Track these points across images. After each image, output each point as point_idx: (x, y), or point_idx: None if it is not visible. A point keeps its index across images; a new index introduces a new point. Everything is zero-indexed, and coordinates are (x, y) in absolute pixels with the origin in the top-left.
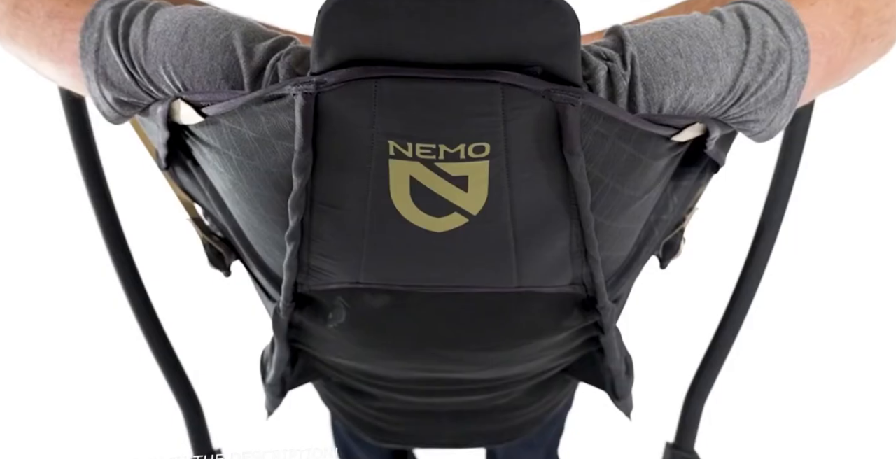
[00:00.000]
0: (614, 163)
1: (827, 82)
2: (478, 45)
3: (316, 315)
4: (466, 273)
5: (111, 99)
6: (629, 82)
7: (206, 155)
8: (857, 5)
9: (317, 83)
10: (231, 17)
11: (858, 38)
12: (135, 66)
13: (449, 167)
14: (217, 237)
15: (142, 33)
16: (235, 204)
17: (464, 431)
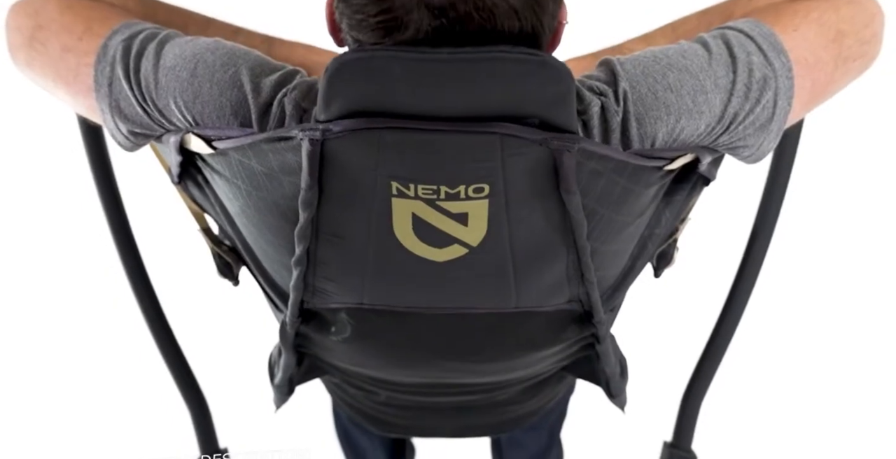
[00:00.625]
0: (609, 195)
1: (812, 104)
2: (477, 102)
3: (321, 328)
4: (467, 297)
5: (126, 131)
6: (622, 118)
7: (216, 180)
8: (838, 28)
9: (323, 130)
10: (238, 52)
11: (840, 61)
12: (146, 100)
13: (449, 205)
14: (226, 247)
15: (152, 68)
16: (244, 226)
17: (464, 423)
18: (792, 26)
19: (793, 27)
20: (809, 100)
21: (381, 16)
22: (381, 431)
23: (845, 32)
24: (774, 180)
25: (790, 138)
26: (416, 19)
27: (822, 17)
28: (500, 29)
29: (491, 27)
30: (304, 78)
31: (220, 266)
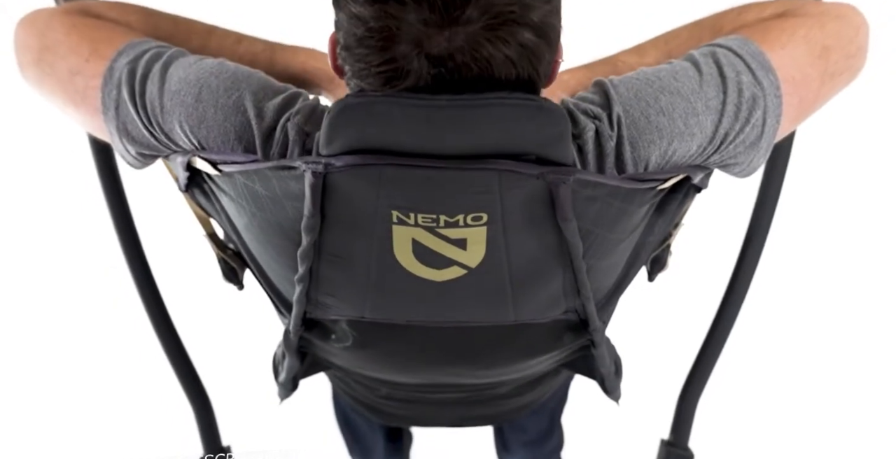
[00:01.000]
0: (604, 217)
1: (800, 120)
2: (476, 143)
3: (323, 336)
4: (465, 312)
5: (134, 152)
6: (616, 142)
7: (221, 197)
8: (824, 44)
9: (325, 165)
10: (241, 75)
11: (827, 76)
12: (152, 123)
13: (449, 232)
14: (231, 251)
15: (158, 91)
16: (249, 240)
17: (463, 414)
18: (779, 44)
19: (780, 45)
20: (797, 116)
21: (383, 66)
22: (381, 421)
23: (831, 48)
24: (768, 183)
25: (783, 146)
26: (417, 68)
27: (808, 34)
28: (497, 77)
29: (488, 75)
30: (307, 101)
31: (225, 271)
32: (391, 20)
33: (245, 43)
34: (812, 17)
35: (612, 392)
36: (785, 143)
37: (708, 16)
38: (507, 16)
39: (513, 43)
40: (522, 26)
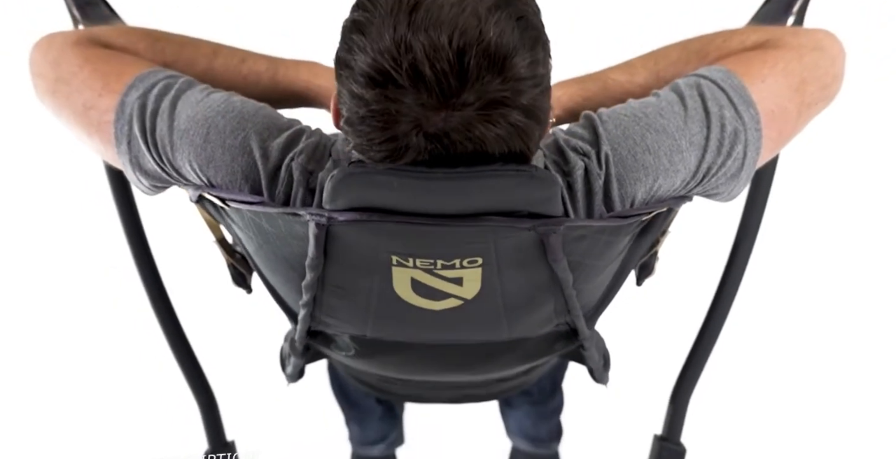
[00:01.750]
0: (592, 249)
1: (777, 149)
2: (472, 206)
3: (327, 344)
4: (463, 334)
5: (147, 184)
6: (604, 180)
7: (230, 225)
8: (801, 77)
9: (328, 217)
10: (247, 113)
11: (804, 108)
12: (163, 159)
13: (446, 272)
14: (239, 256)
15: (167, 129)
16: (257, 260)
17: (462, 393)
18: (760, 78)
19: (761, 79)
20: (775, 147)
21: (385, 144)
22: (383, 397)
23: (808, 80)
24: (757, 186)
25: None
26: (415, 145)
27: (787, 67)
28: (490, 152)
29: (482, 151)
30: (310, 137)
31: (234, 276)
32: (391, 103)
33: (249, 62)
34: (791, 50)
35: (600, 380)
36: (769, 164)
37: (695, 38)
38: (500, 100)
39: (503, 124)
40: (513, 109)
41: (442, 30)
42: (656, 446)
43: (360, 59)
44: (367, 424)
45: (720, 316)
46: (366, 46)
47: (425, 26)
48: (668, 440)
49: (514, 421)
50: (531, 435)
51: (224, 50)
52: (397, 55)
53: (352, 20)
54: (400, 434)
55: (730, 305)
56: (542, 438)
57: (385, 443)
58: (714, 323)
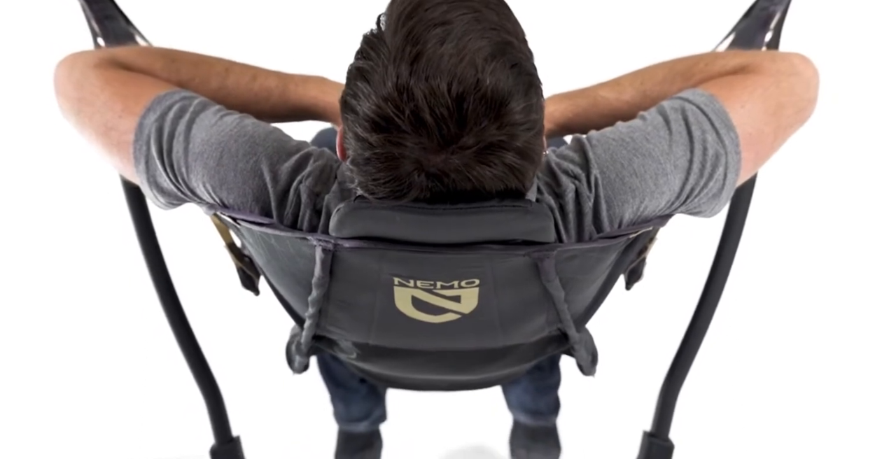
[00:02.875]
0: (583, 267)
1: (755, 169)
2: (470, 237)
3: (332, 347)
4: (460, 343)
5: (164, 201)
6: (594, 202)
7: (241, 237)
8: (778, 101)
9: (334, 244)
10: (258, 138)
11: (780, 130)
12: (179, 180)
13: (445, 292)
14: (248, 260)
15: (183, 152)
16: (266, 270)
17: (458, 381)
18: (740, 103)
19: (741, 104)
20: (753, 167)
21: (389, 184)
22: (378, 383)
23: (784, 104)
24: (739, 194)
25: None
26: (417, 184)
27: (765, 92)
28: (488, 190)
29: (480, 188)
30: (317, 161)
31: (243, 279)
32: (394, 147)
33: (259, 79)
34: (769, 76)
35: (588, 373)
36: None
37: (680, 60)
38: (496, 144)
39: (500, 165)
40: (509, 151)
41: (441, 78)
42: (645, 442)
43: (365, 105)
44: (352, 402)
45: (706, 316)
46: (370, 93)
47: (426, 75)
48: (656, 436)
49: (514, 396)
50: (531, 409)
51: (236, 67)
52: (399, 102)
53: (356, 67)
54: (383, 410)
55: (715, 306)
56: (541, 411)
57: (369, 420)
58: (700, 324)
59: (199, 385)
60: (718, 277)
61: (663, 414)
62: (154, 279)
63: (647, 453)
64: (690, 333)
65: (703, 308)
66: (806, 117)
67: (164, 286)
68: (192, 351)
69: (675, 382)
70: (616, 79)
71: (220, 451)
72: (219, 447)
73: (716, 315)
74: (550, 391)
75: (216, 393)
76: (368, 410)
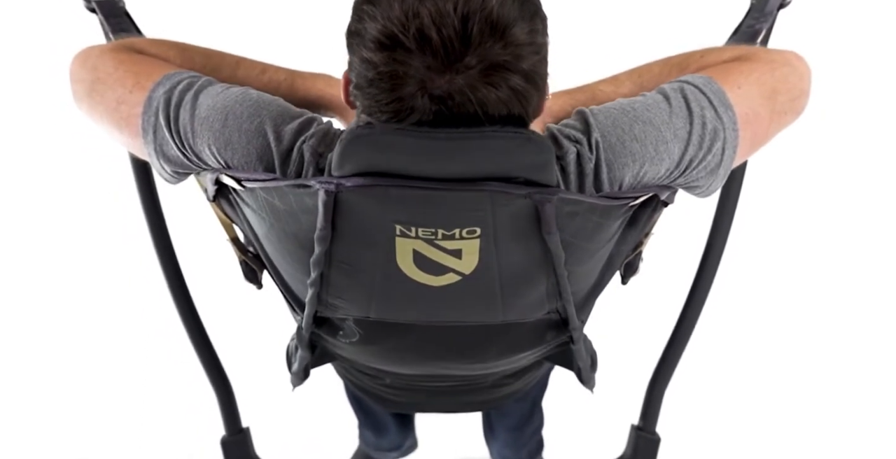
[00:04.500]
0: (583, 230)
1: (752, 151)
2: (472, 169)
3: (333, 332)
4: (459, 314)
5: (170, 171)
6: (595, 164)
7: (244, 209)
8: (772, 87)
9: (337, 184)
10: (262, 102)
11: (775, 115)
12: (185, 145)
13: (446, 243)
14: (251, 254)
15: (189, 118)
16: (267, 246)
17: (457, 401)
18: (737, 85)
19: (737, 86)
20: (750, 147)
21: (392, 104)
22: (383, 407)
23: (779, 90)
24: (725, 198)
25: (737, 169)
26: (420, 106)
27: (761, 77)
28: (491, 114)
29: (483, 113)
30: (320, 125)
31: (246, 272)
32: (399, 65)
33: (269, 72)
34: (765, 63)
35: (588, 382)
36: (739, 168)
37: (676, 55)
38: (501, 64)
39: (504, 87)
40: (514, 73)
41: (448, 0)
42: (633, 435)
43: (371, 27)
44: (382, 434)
45: (692, 315)
46: (376, 15)
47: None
48: (643, 430)
49: (496, 450)
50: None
51: (246, 61)
52: (405, 21)
53: None
54: (414, 440)
55: (701, 306)
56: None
57: (400, 451)
58: (687, 322)
59: (210, 380)
60: (706, 276)
61: (650, 409)
62: (167, 277)
63: (635, 445)
64: (677, 332)
65: (689, 307)
66: (800, 107)
67: (177, 284)
68: (203, 346)
69: (662, 378)
70: (614, 76)
71: (230, 441)
72: (229, 437)
73: (702, 314)
74: (530, 439)
75: (227, 387)
76: (399, 442)
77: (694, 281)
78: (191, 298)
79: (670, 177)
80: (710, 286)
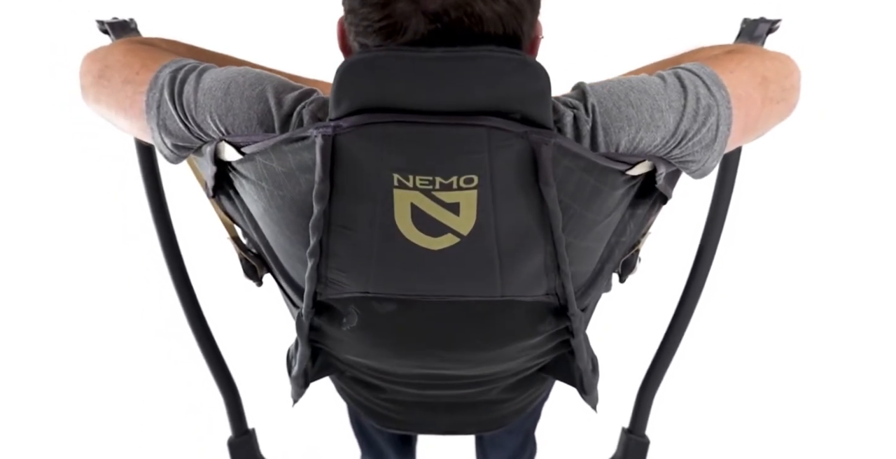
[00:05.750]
0: (581, 192)
1: (746, 133)
2: (467, 97)
3: (333, 319)
4: (459, 285)
5: (170, 145)
6: (591, 126)
7: (244, 185)
8: (763, 75)
9: (334, 127)
10: (265, 74)
11: (766, 100)
12: (187, 116)
13: (443, 195)
14: (252, 253)
15: (193, 90)
16: (266, 226)
17: (456, 420)
18: (728, 70)
19: (729, 70)
20: (744, 128)
21: (383, 21)
22: (382, 426)
23: (769, 79)
24: (717, 204)
25: (729, 168)
26: (414, 24)
27: (751, 65)
28: (486, 32)
29: (479, 31)
30: (320, 96)
31: (246, 269)
32: None
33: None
34: (755, 54)
35: (590, 392)
36: (732, 164)
37: (669, 57)
38: None
39: (501, 0)
40: None
41: None
42: (623, 438)
43: None
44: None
45: (682, 323)
46: None
47: None
48: (633, 433)
49: None
50: None
51: (250, 63)
52: None
53: None
54: None
55: (691, 314)
56: None
57: None
58: (676, 330)
59: (217, 383)
60: (696, 283)
61: (640, 413)
62: (174, 283)
63: (625, 448)
64: (667, 338)
65: (679, 314)
66: (791, 100)
67: (185, 290)
68: (210, 351)
69: (651, 383)
70: (607, 79)
71: (236, 442)
72: (235, 439)
73: (692, 321)
74: None
75: (233, 390)
76: None
77: (686, 284)
78: (198, 304)
79: (666, 147)
80: (702, 289)
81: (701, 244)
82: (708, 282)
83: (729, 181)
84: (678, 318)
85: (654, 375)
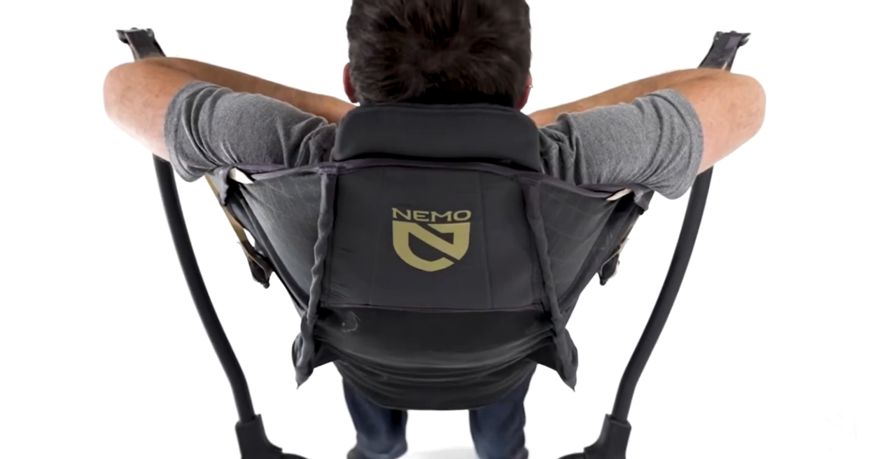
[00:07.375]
0: (565, 220)
1: (716, 157)
2: (463, 147)
3: (334, 323)
4: (452, 300)
5: (186, 166)
6: (575, 159)
7: (253, 204)
8: (731, 101)
9: (338, 168)
10: (274, 105)
11: (734, 126)
12: (202, 142)
13: (439, 226)
14: (259, 256)
15: (208, 118)
16: (274, 241)
17: (449, 398)
18: (701, 97)
19: (701, 98)
20: (713, 153)
21: (387, 81)
22: (381, 404)
23: (737, 105)
24: (693, 207)
25: (703, 181)
26: (415, 83)
27: (721, 92)
28: (480, 91)
29: (473, 90)
30: (325, 125)
31: (254, 271)
32: (394, 44)
33: (281, 91)
34: (725, 81)
35: (569, 378)
36: (704, 178)
37: (647, 77)
38: (489, 41)
39: (494, 64)
40: (501, 50)
41: None
42: (607, 424)
43: (370, 11)
44: (375, 437)
45: (662, 316)
46: (374, 1)
47: None
48: (616, 419)
49: (481, 447)
50: (495, 456)
51: (261, 81)
52: (401, 5)
53: None
54: (403, 445)
55: (670, 307)
56: (504, 455)
57: (390, 454)
58: (656, 323)
59: (225, 371)
60: (674, 279)
61: (622, 400)
62: (186, 276)
63: (608, 433)
64: (648, 330)
65: (659, 308)
66: (756, 123)
67: (196, 283)
68: (219, 340)
69: (633, 372)
70: (593, 94)
71: (244, 428)
72: (243, 424)
73: (671, 313)
74: (513, 436)
75: (241, 377)
76: (390, 445)
77: (664, 284)
78: (208, 296)
79: (644, 175)
80: (678, 289)
81: (679, 243)
82: (685, 279)
83: (702, 193)
84: (657, 314)
85: (635, 366)
